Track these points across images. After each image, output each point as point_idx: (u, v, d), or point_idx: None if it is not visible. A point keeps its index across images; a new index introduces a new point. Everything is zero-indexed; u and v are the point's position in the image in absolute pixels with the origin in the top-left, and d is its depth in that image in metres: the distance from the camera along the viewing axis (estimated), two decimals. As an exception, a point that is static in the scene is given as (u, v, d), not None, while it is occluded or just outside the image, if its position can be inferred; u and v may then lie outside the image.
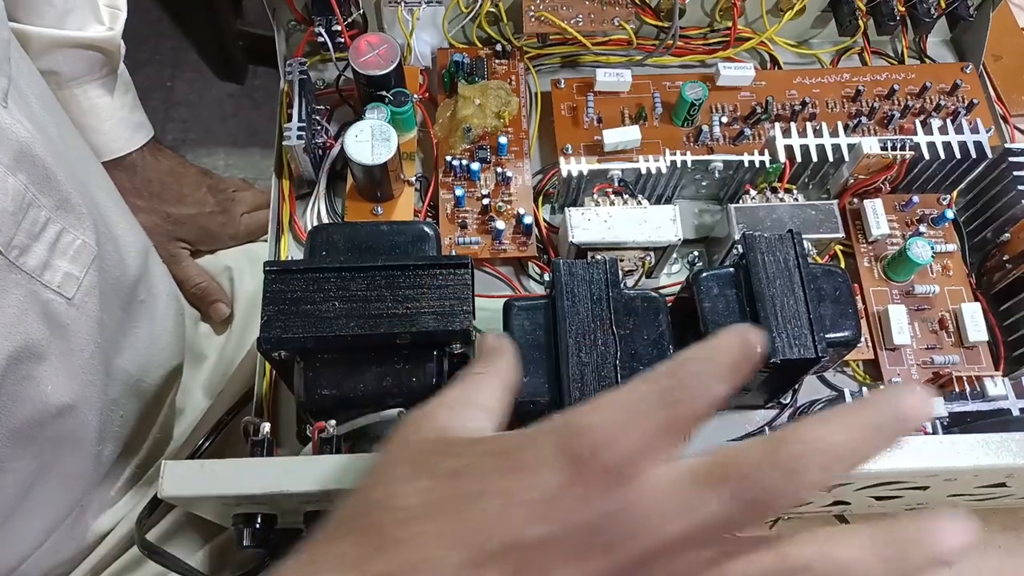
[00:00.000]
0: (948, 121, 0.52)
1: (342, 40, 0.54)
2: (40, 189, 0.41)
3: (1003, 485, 0.40)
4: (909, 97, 0.58)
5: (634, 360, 0.41)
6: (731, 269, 0.45)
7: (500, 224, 0.52)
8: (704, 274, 0.45)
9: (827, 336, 0.42)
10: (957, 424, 0.45)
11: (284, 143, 0.50)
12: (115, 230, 0.52)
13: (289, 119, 0.51)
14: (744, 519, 0.23)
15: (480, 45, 0.59)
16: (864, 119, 0.56)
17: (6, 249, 0.39)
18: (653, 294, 0.44)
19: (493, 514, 0.23)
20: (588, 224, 0.49)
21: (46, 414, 0.43)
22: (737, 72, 0.57)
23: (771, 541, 0.23)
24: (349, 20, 0.54)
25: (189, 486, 0.32)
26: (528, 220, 0.52)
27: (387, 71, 0.51)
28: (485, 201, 0.53)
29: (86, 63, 0.58)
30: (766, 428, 0.49)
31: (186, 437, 0.61)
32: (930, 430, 0.42)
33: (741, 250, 0.45)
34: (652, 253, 0.50)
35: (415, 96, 0.55)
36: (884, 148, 0.50)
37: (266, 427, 0.39)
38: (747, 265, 0.44)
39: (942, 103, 0.57)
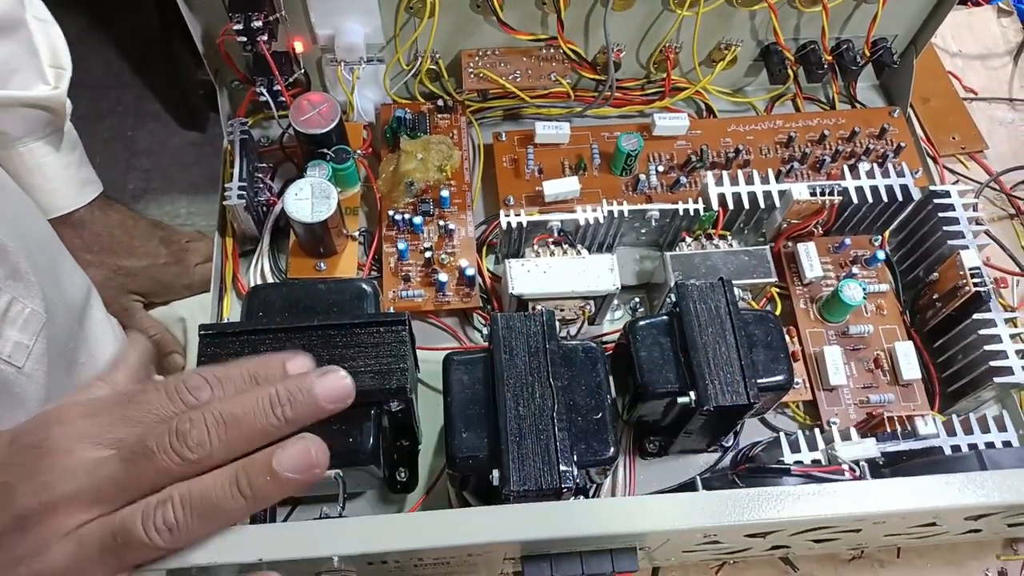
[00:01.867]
0: (875, 165, 0.54)
1: (284, 99, 0.55)
2: None
3: (933, 524, 0.41)
4: (840, 142, 0.60)
5: (572, 411, 0.42)
6: (666, 317, 0.46)
7: (443, 276, 0.53)
8: (640, 323, 0.45)
9: (759, 381, 0.43)
10: (892, 463, 0.46)
11: (225, 202, 0.51)
12: (66, 294, 0.52)
13: (231, 178, 0.51)
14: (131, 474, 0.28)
15: (422, 100, 0.60)
16: (797, 164, 0.58)
17: None
18: (591, 344, 0.45)
19: None
20: (528, 275, 0.50)
21: None
22: (672, 122, 0.58)
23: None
24: (291, 79, 0.54)
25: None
26: (470, 272, 0.53)
27: (328, 129, 0.52)
28: (428, 254, 0.54)
29: (31, 122, 0.58)
30: (708, 473, 0.50)
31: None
32: (858, 473, 0.43)
33: (674, 299, 0.46)
34: (592, 302, 0.51)
35: (358, 152, 0.56)
36: (813, 193, 0.52)
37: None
38: (680, 313, 0.45)
39: (871, 147, 0.59)
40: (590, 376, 0.43)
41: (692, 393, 0.42)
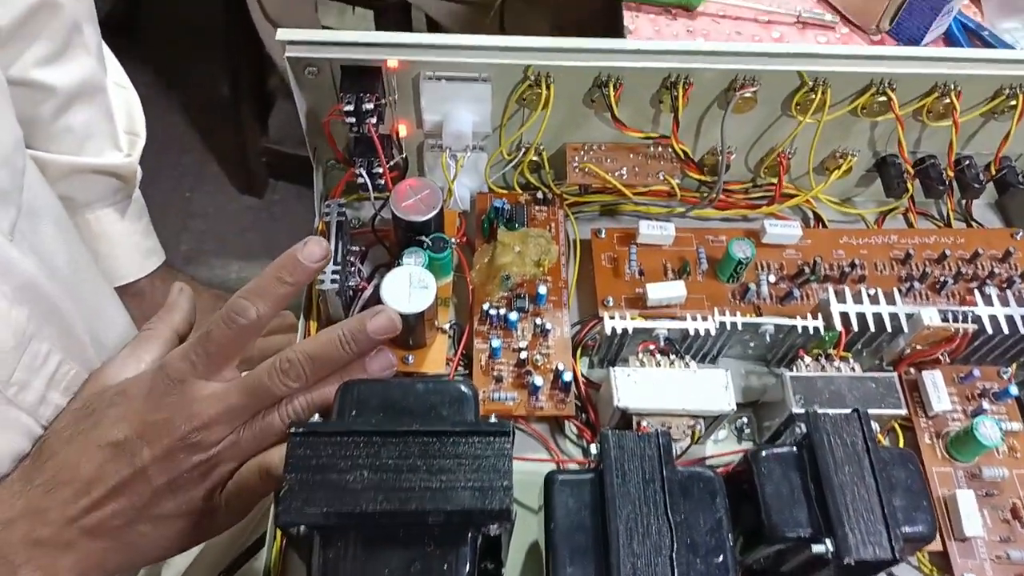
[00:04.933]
0: (1009, 292, 0.50)
1: (382, 181, 0.53)
2: (43, 320, 0.40)
3: None
4: (960, 262, 0.56)
5: (691, 551, 0.37)
6: (794, 449, 0.41)
7: (538, 380, 0.49)
8: (764, 453, 0.41)
9: (902, 531, 0.38)
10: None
11: (318, 287, 0.48)
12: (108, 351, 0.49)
13: (323, 261, 0.49)
14: (255, 401, 0.40)
15: (520, 191, 0.58)
16: (916, 284, 0.54)
17: (4, 386, 0.37)
18: (709, 473, 0.40)
19: (113, 418, 0.39)
20: (635, 387, 0.46)
21: None
22: (784, 230, 0.55)
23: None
24: (390, 164, 0.53)
25: None
26: (567, 377, 0.49)
27: (428, 217, 0.50)
28: (522, 354, 0.50)
29: (101, 188, 0.58)
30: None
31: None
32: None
33: (804, 429, 0.41)
34: (701, 420, 0.47)
35: (453, 240, 0.53)
36: (945, 320, 0.48)
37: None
38: (812, 447, 0.40)
39: (995, 270, 0.55)
40: (709, 511, 0.39)
41: (829, 541, 0.38)
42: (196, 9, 1.65)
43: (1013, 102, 0.53)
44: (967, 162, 0.57)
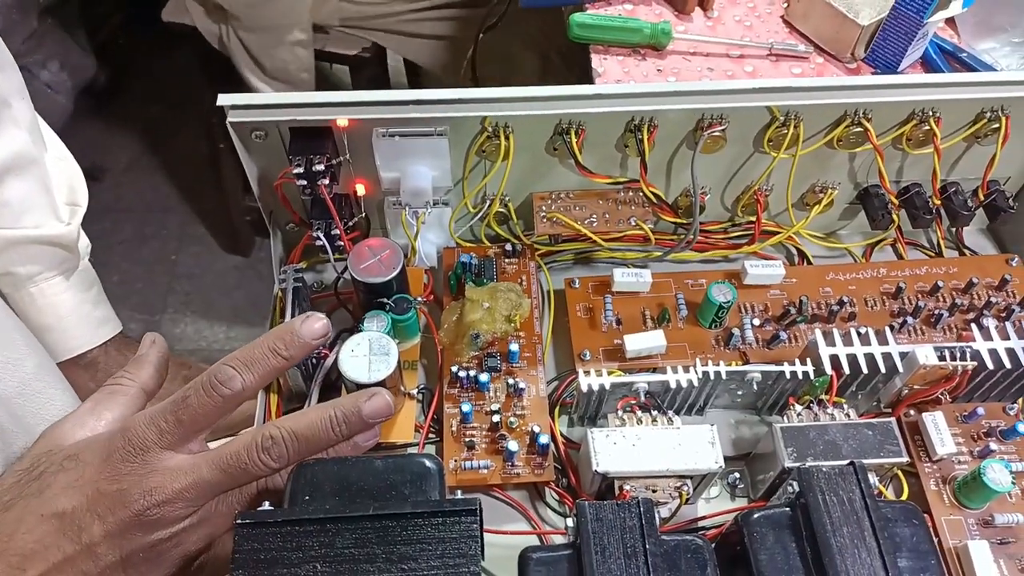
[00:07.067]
0: (1008, 323, 0.47)
1: (341, 243, 0.50)
2: None
3: None
4: (955, 293, 0.53)
5: (679, 633, 0.34)
6: (787, 510, 0.38)
7: (513, 444, 0.46)
8: (755, 516, 0.38)
9: (911, 599, 0.35)
10: None
11: (273, 359, 0.45)
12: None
13: (280, 330, 0.46)
14: (227, 479, 0.36)
15: (488, 243, 0.56)
16: (910, 319, 0.51)
17: None
18: (698, 541, 0.37)
19: (62, 485, 0.35)
20: (614, 449, 0.43)
21: None
22: (765, 270, 0.53)
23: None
24: (351, 223, 0.50)
25: None
26: (544, 439, 0.46)
27: (389, 278, 0.47)
28: (495, 417, 0.47)
29: (44, 260, 0.57)
30: None
31: None
32: None
33: (797, 488, 0.38)
34: (689, 481, 0.43)
35: (419, 299, 0.51)
36: (942, 357, 0.45)
37: None
38: (806, 507, 0.37)
39: (992, 299, 0.53)
40: (698, 584, 0.36)
41: (831, 614, 0.34)
42: (177, 71, 1.65)
43: (995, 125, 0.51)
44: (953, 189, 0.55)
